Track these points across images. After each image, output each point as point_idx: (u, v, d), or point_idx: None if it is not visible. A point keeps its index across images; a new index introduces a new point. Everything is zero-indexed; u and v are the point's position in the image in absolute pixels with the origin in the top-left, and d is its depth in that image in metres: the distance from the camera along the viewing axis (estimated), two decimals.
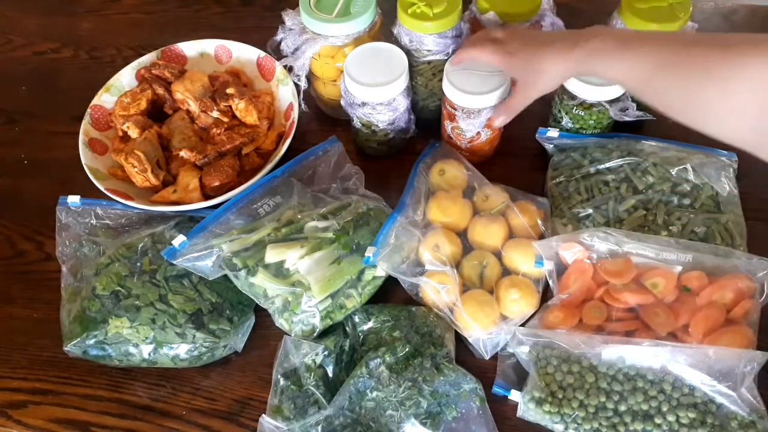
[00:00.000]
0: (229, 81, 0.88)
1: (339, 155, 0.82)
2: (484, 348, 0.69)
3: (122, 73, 0.90)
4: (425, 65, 0.82)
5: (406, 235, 0.73)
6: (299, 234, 0.73)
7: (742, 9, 1.01)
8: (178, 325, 0.70)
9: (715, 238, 0.72)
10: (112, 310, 0.70)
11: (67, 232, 0.80)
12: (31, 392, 0.73)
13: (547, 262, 0.71)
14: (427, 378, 0.65)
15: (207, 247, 0.71)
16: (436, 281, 0.70)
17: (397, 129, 0.83)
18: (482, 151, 0.83)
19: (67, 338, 0.71)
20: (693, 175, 0.76)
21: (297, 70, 0.83)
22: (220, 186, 0.80)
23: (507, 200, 0.76)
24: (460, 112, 0.78)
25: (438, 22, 0.76)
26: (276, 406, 0.66)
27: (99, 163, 0.83)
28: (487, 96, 0.75)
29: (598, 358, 0.65)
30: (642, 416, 0.63)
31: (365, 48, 0.80)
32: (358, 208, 0.75)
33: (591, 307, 0.69)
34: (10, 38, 1.10)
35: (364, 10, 0.80)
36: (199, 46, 0.94)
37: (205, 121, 0.87)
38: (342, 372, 0.69)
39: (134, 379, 0.73)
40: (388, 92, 0.77)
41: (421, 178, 0.79)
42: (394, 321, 0.71)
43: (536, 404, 0.65)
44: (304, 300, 0.70)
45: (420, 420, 0.64)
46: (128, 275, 0.72)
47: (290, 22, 0.83)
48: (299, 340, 0.70)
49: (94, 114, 0.87)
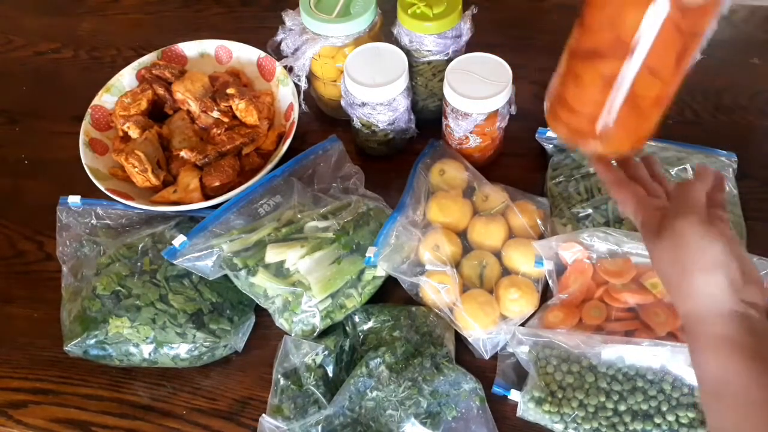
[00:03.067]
0: (229, 81, 0.88)
1: (339, 154, 0.82)
2: (484, 348, 0.69)
3: (123, 73, 0.90)
4: (425, 65, 0.82)
5: (406, 235, 0.73)
6: (299, 234, 0.73)
7: (742, 9, 1.01)
8: (178, 325, 0.70)
9: None
10: (112, 309, 0.70)
11: (67, 232, 0.80)
12: (31, 392, 0.73)
13: (546, 262, 0.71)
14: (427, 378, 0.65)
15: (207, 247, 0.71)
16: (436, 281, 0.70)
17: (397, 129, 0.84)
18: (472, 157, 0.82)
19: (68, 338, 0.71)
20: (693, 175, 0.76)
21: (297, 71, 0.83)
22: (220, 186, 0.80)
23: (507, 200, 0.76)
24: (450, 110, 0.78)
25: (438, 23, 0.76)
26: (276, 405, 0.67)
27: (99, 163, 0.84)
28: (478, 102, 0.75)
29: (597, 358, 0.66)
30: (642, 416, 0.63)
31: (365, 48, 0.80)
32: (358, 208, 0.75)
33: (591, 307, 0.69)
34: (11, 38, 1.10)
35: (364, 10, 0.80)
36: (200, 46, 0.94)
37: (206, 122, 0.87)
38: (342, 372, 0.69)
39: (134, 378, 0.73)
40: (388, 92, 0.77)
41: (421, 178, 0.79)
42: (394, 321, 0.71)
43: (536, 404, 0.65)
44: (304, 300, 0.70)
45: (420, 420, 0.64)
46: (129, 275, 0.72)
47: (290, 23, 0.83)
48: (299, 339, 0.70)
49: (94, 114, 0.87)
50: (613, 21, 0.48)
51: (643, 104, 0.51)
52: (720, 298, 0.48)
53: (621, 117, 0.52)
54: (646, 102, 0.51)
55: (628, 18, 0.47)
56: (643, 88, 0.50)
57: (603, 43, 0.49)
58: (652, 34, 0.47)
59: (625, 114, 0.51)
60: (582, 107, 0.53)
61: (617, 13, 0.48)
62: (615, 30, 0.48)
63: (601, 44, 0.50)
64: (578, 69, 0.52)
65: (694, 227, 0.49)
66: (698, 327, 0.49)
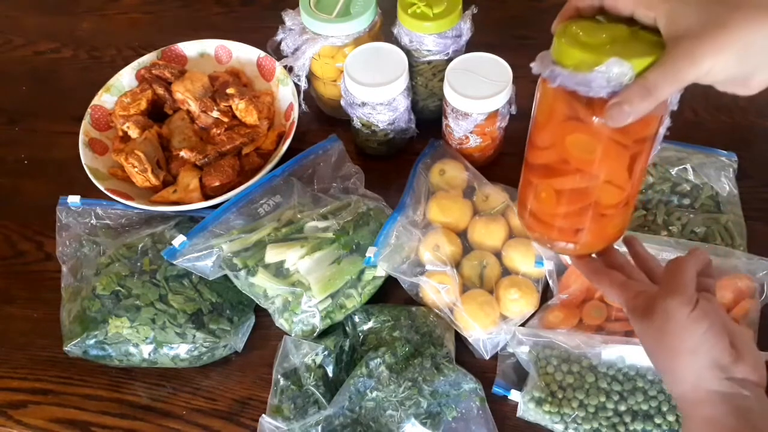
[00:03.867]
0: (229, 81, 0.88)
1: (339, 154, 0.82)
2: (484, 348, 0.69)
3: (122, 73, 0.90)
4: (425, 65, 0.82)
5: (406, 235, 0.73)
6: (299, 234, 0.73)
7: None
8: (178, 325, 0.70)
9: (715, 238, 0.72)
10: (112, 310, 0.70)
11: (67, 232, 0.80)
12: (31, 392, 0.73)
13: (547, 262, 0.71)
14: (427, 378, 0.65)
15: (207, 247, 0.71)
16: (436, 281, 0.70)
17: (397, 129, 0.84)
18: (472, 157, 0.82)
19: (67, 338, 0.71)
20: (693, 175, 0.76)
21: (297, 70, 0.83)
22: (220, 186, 0.80)
23: (507, 200, 0.76)
24: (450, 110, 0.78)
25: (438, 22, 0.76)
26: (276, 406, 0.66)
27: (99, 163, 0.83)
28: (478, 102, 0.75)
29: (598, 358, 0.66)
30: (642, 416, 0.63)
31: (365, 48, 0.80)
32: (358, 208, 0.75)
33: (591, 307, 0.69)
34: (10, 38, 1.10)
35: (364, 10, 0.80)
36: (199, 46, 0.94)
37: (205, 121, 0.87)
38: (342, 372, 0.69)
39: (134, 379, 0.73)
40: (388, 92, 0.77)
41: (421, 178, 0.79)
42: (394, 321, 0.71)
43: (536, 404, 0.65)
44: (304, 300, 0.70)
45: (420, 420, 0.64)
46: (128, 275, 0.72)
47: (290, 22, 0.83)
48: (299, 340, 0.70)
49: (94, 114, 0.87)
50: (555, 142, 0.48)
51: (607, 211, 0.51)
52: (706, 380, 0.47)
53: (587, 225, 0.51)
54: (609, 209, 0.51)
55: (566, 140, 0.47)
56: (603, 198, 0.49)
57: (551, 161, 0.49)
58: (594, 153, 0.46)
59: (590, 221, 0.51)
60: (546, 219, 0.53)
61: (556, 136, 0.48)
62: (557, 150, 0.48)
63: (549, 162, 0.50)
64: (535, 183, 0.52)
65: (682, 309, 0.48)
66: (688, 409, 0.49)
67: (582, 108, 0.44)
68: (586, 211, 0.50)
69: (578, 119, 0.45)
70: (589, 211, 0.50)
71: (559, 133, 0.48)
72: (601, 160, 0.47)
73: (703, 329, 0.47)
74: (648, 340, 0.51)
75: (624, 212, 0.52)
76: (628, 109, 0.42)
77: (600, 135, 0.45)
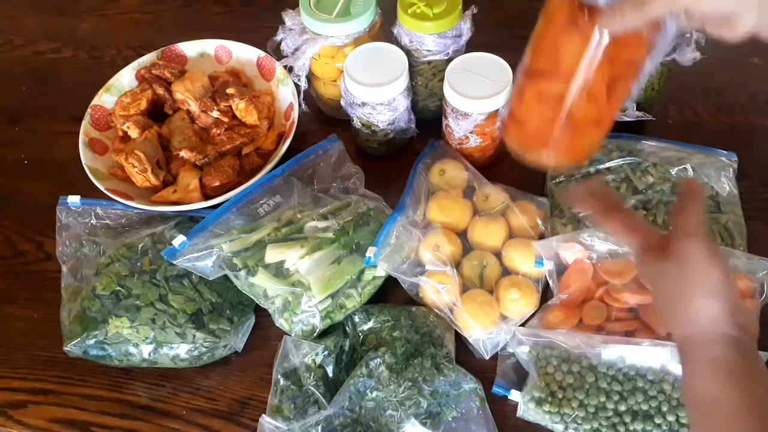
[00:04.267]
0: (229, 81, 0.88)
1: (339, 154, 0.82)
2: (484, 348, 0.69)
3: (122, 73, 0.90)
4: (425, 65, 0.82)
5: (406, 235, 0.73)
6: (299, 234, 0.73)
7: None
8: (178, 325, 0.70)
9: (715, 238, 0.72)
10: (112, 310, 0.70)
11: (67, 232, 0.80)
12: (31, 392, 0.73)
13: (547, 262, 0.71)
14: (427, 378, 0.65)
15: (207, 247, 0.71)
16: (436, 281, 0.70)
17: (397, 129, 0.84)
18: (472, 157, 0.82)
19: (67, 338, 0.71)
20: (693, 175, 0.76)
21: (297, 70, 0.83)
22: (220, 186, 0.80)
23: (507, 200, 0.76)
24: (450, 110, 0.78)
25: (438, 22, 0.76)
26: (276, 406, 0.66)
27: (99, 163, 0.83)
28: (478, 102, 0.75)
29: (598, 358, 0.66)
30: (642, 416, 0.63)
31: (365, 48, 0.80)
32: (358, 208, 0.75)
33: (591, 307, 0.69)
34: (10, 38, 1.10)
35: (364, 10, 0.80)
36: (199, 46, 0.94)
37: (205, 121, 0.87)
38: (342, 372, 0.69)
39: (134, 379, 0.73)
40: (388, 92, 0.77)
41: (421, 178, 0.79)
42: (394, 321, 0.71)
43: (536, 404, 0.65)
44: (304, 300, 0.70)
45: (420, 420, 0.64)
46: (128, 275, 0.72)
47: (290, 22, 0.83)
48: (299, 340, 0.70)
49: (94, 114, 0.87)
50: (550, 46, 0.53)
51: (581, 124, 0.55)
52: (720, 322, 0.48)
53: (561, 134, 0.55)
54: (583, 123, 0.55)
55: (561, 45, 0.52)
56: (580, 110, 0.54)
57: (546, 65, 0.54)
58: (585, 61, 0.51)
59: (564, 131, 0.55)
60: (526, 121, 0.57)
61: (556, 40, 0.52)
62: (554, 55, 0.53)
63: (544, 66, 0.54)
64: (524, 86, 0.57)
65: (702, 250, 0.49)
66: (696, 350, 0.49)
67: (581, 15, 0.50)
68: (562, 119, 0.54)
69: (576, 24, 0.50)
70: (565, 119, 0.54)
71: (556, 38, 0.53)
72: (587, 68, 0.51)
73: (722, 273, 0.48)
74: (661, 282, 0.51)
75: (595, 133, 0.57)
76: (620, 18, 0.47)
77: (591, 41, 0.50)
